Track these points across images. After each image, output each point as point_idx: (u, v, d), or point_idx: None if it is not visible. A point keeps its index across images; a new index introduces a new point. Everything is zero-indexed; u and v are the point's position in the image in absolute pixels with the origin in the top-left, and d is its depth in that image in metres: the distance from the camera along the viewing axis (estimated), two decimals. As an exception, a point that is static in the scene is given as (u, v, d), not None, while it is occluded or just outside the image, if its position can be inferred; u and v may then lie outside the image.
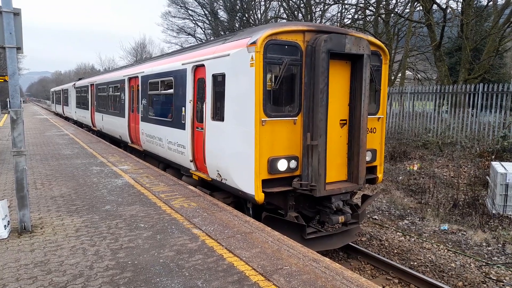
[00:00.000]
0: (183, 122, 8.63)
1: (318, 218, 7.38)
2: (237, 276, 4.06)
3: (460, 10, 20.63)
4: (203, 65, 7.76)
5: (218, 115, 7.21)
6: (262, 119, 6.12)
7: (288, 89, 6.50)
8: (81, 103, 23.56)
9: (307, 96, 6.36)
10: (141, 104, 11.83)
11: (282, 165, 6.33)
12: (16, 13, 5.12)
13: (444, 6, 19.87)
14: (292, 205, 6.74)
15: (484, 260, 7.62)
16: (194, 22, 42.15)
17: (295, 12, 29.18)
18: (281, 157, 6.34)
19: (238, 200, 7.35)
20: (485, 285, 6.67)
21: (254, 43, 6.07)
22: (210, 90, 7.39)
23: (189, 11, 41.26)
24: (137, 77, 12.29)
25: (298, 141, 6.53)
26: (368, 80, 6.69)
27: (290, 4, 29.87)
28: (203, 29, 42.16)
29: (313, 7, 27.91)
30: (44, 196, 7.23)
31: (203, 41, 33.47)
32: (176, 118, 9.11)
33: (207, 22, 41.64)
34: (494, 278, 6.87)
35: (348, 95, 6.88)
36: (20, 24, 5.18)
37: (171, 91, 9.40)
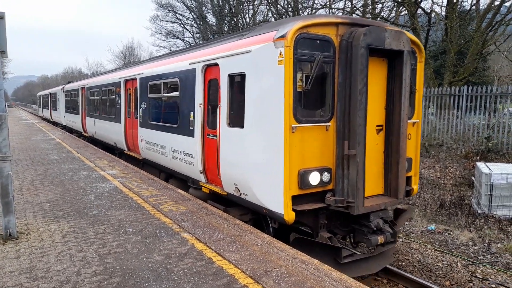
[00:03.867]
0: (191, 128, 7.81)
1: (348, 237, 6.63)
2: (226, 280, 4.06)
3: (444, 14, 21.05)
4: (216, 64, 6.96)
5: (236, 121, 6.38)
6: (293, 125, 5.32)
7: (319, 90, 5.75)
8: (71, 108, 22.56)
9: (341, 98, 5.61)
10: (139, 108, 10.93)
11: (314, 178, 5.53)
12: (0, 17, 5.06)
13: (428, 11, 20.27)
14: (323, 224, 5.92)
15: (470, 259, 7.76)
16: (182, 26, 42.12)
17: (283, 17, 29.38)
18: (312, 169, 5.53)
19: (257, 217, 6.69)
20: (471, 284, 6.78)
21: (283, 36, 5.29)
22: (225, 92, 6.61)
23: (177, 15, 41.22)
24: (135, 79, 11.38)
25: (330, 150, 5.74)
26: (409, 80, 5.96)
27: (278, 8, 30.08)
28: (192, 33, 42.15)
29: (300, 11, 28.16)
30: (30, 201, 7.12)
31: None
32: (182, 124, 8.26)
33: (195, 26, 41.63)
34: (480, 277, 7.00)
35: (385, 97, 6.11)
36: (4, 27, 5.12)
37: (176, 94, 8.57)
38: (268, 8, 33.15)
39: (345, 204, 5.59)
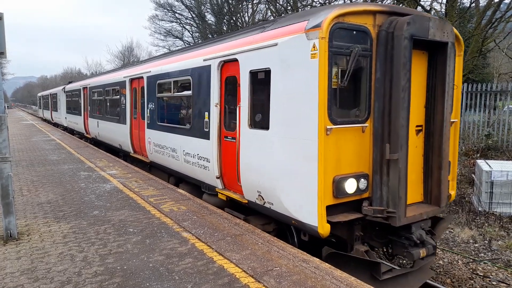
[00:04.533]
0: (206, 130, 7.24)
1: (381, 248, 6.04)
2: (227, 279, 4.06)
3: (444, 12, 21.04)
4: (234, 60, 6.43)
5: (260, 122, 5.92)
6: (328, 126, 4.77)
7: (354, 87, 5.23)
8: (72, 108, 21.95)
9: (380, 96, 5.04)
10: (147, 109, 10.31)
11: (350, 186, 5.00)
12: (-1, 18, 5.05)
13: (428, 8, 20.25)
14: (358, 236, 5.35)
15: (471, 257, 7.76)
16: (181, 25, 42.06)
17: (282, 15, 29.37)
18: (348, 175, 5.01)
19: (281, 227, 6.19)
20: (472, 281, 6.79)
21: (317, 26, 4.74)
22: (246, 90, 6.08)
23: (176, 14, 41.14)
24: (142, 77, 10.72)
25: (366, 154, 5.20)
26: (453, 75, 5.38)
27: (277, 7, 30.06)
28: (191, 32, 42.10)
29: (300, 10, 28.15)
30: (30, 202, 7.12)
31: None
32: (196, 126, 7.68)
33: (194, 25, 41.58)
34: (481, 274, 7.00)
35: (424, 94, 5.55)
36: (3, 28, 5.11)
37: (189, 93, 8.00)
38: (267, 6, 33.13)
39: (385, 214, 5.02)
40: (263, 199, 5.79)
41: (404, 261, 7.14)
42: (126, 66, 15.29)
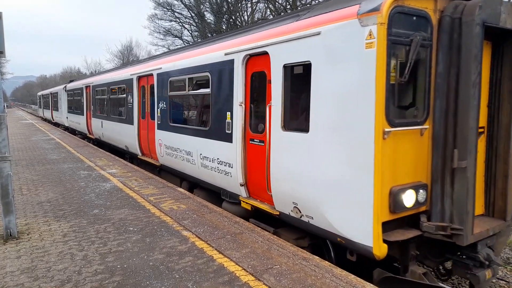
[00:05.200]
0: (228, 132, 6.57)
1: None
2: (227, 277, 4.06)
3: None
4: (263, 53, 5.79)
5: (297, 123, 5.29)
6: (385, 129, 4.10)
7: (412, 82, 4.53)
8: (74, 108, 21.17)
9: (442, 93, 4.36)
10: (157, 108, 9.62)
11: (409, 198, 4.33)
12: (-2, 17, 5.04)
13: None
14: (413, 256, 4.63)
15: None
16: (180, 24, 42.01)
17: (282, 14, 29.35)
18: (406, 186, 4.34)
19: (317, 241, 5.52)
20: (472, 279, 6.77)
21: (375, 10, 4.09)
22: (278, 87, 5.41)
23: (176, 14, 41.09)
24: (151, 75, 10.04)
25: (425, 161, 4.55)
26: None
27: (277, 6, 30.04)
28: (190, 31, 42.06)
29: (299, 8, 28.13)
30: (30, 201, 7.12)
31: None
32: (215, 127, 7.01)
33: (193, 24, 41.54)
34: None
35: (487, 91, 4.85)
36: (2, 27, 5.10)
37: (207, 91, 7.30)
38: (266, 5, 33.11)
39: (448, 231, 4.33)
40: (300, 212, 5.11)
41: (456, 279, 6.38)
42: (133, 63, 14.39)
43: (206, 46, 7.97)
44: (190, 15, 40.93)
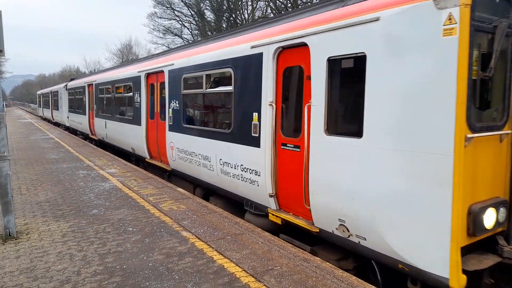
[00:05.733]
0: (255, 135, 5.91)
1: None
2: (227, 278, 4.03)
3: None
4: (301, 45, 5.07)
5: (346, 126, 4.64)
6: (467, 135, 3.46)
7: (493, 78, 3.89)
8: (76, 107, 20.42)
9: None
10: (169, 108, 8.92)
11: (489, 218, 3.71)
12: (-3, 15, 5.01)
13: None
14: (488, 285, 3.99)
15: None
16: (180, 22, 41.98)
17: (282, 12, 29.31)
18: (486, 203, 3.72)
19: (362, 264, 4.86)
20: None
21: None
22: (321, 84, 4.68)
23: (175, 12, 41.07)
24: (162, 71, 9.31)
25: (502, 172, 3.97)
26: None
27: (277, 4, 30.00)
28: (190, 30, 42.03)
29: (300, 6, 28.09)
30: (29, 201, 7.09)
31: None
32: (239, 129, 6.34)
33: (193, 22, 41.50)
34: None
35: None
36: (1, 26, 5.06)
37: (229, 88, 6.62)
38: (266, 4, 33.04)
39: None
40: (348, 231, 4.42)
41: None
42: (140, 60, 13.44)
43: (227, 38, 7.20)
44: (190, 13, 40.93)
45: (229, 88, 6.62)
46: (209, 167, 7.30)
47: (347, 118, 4.73)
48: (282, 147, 5.54)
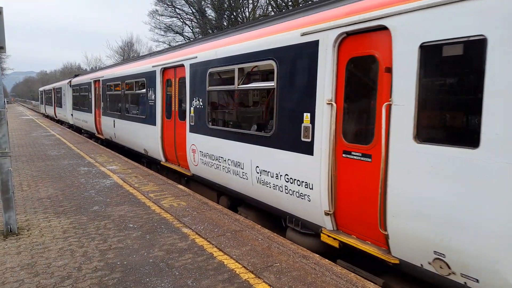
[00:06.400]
0: (306, 140, 5.03)
1: None
2: (227, 274, 4.06)
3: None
4: (378, 29, 4.14)
5: (449, 132, 3.71)
6: None
7: None
8: (80, 104, 19.59)
9: None
10: (190, 106, 8.07)
11: None
12: (-2, 12, 5.02)
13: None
14: None
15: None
16: (181, 20, 41.96)
17: (283, 10, 29.26)
18: None
19: None
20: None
21: None
22: (410, 77, 3.76)
23: (177, 10, 41.05)
24: (181, 66, 8.49)
25: None
26: None
27: (278, 2, 29.95)
28: (191, 28, 42.00)
29: (301, 5, 28.04)
30: (30, 197, 7.12)
31: None
32: (284, 133, 5.46)
33: (195, 20, 41.46)
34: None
35: None
36: (2, 23, 5.08)
37: (270, 84, 5.76)
38: (268, 2, 33.00)
39: None
40: (449, 268, 3.54)
41: None
42: (153, 54, 12.35)
43: (266, 26, 6.20)
44: (191, 11, 40.89)
45: (270, 84, 5.76)
46: (241, 175, 6.43)
47: (452, 121, 3.70)
48: (344, 155, 4.59)
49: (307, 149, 5.03)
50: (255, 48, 6.09)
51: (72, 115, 22.37)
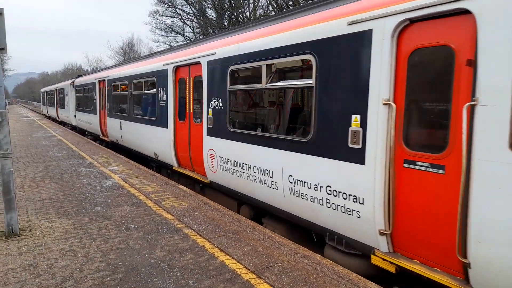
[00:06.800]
0: (356, 146, 4.32)
1: None
2: (228, 275, 4.06)
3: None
4: (455, 14, 3.47)
5: None
6: None
7: None
8: (84, 105, 19.03)
9: None
10: (207, 107, 7.41)
11: None
12: (-1, 13, 5.03)
13: None
14: None
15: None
16: (182, 21, 42.00)
17: (284, 10, 29.25)
18: None
19: None
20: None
21: None
22: (502, 73, 3.13)
23: (177, 10, 41.09)
24: (197, 63, 7.82)
25: None
26: None
27: (279, 2, 29.94)
28: (192, 28, 42.04)
29: (301, 4, 28.02)
30: (32, 198, 7.13)
31: None
32: (325, 137, 4.74)
33: (195, 21, 41.49)
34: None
35: None
36: (3, 24, 5.08)
37: (307, 82, 5.06)
38: (268, 1, 33.01)
39: None
40: None
41: None
42: (163, 52, 11.72)
43: (300, 16, 5.49)
44: (192, 12, 40.91)
45: (307, 82, 5.06)
46: (269, 184, 5.76)
47: None
48: (405, 165, 3.91)
49: (357, 157, 4.31)
50: (287, 41, 5.35)
51: (75, 116, 21.93)
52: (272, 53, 5.66)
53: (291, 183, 5.31)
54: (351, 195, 4.42)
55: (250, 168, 6.19)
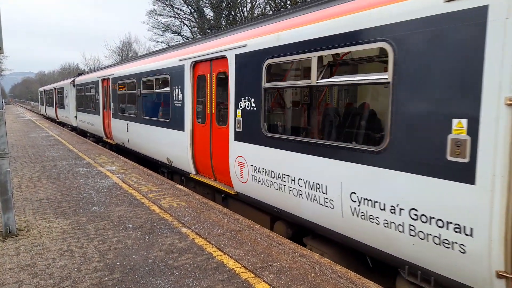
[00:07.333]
0: (459, 160, 3.36)
1: None
2: (227, 274, 4.06)
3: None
4: None
5: None
6: None
7: None
8: (85, 105, 18.15)
9: None
10: (235, 108, 6.45)
11: None
12: (-4, 12, 5.01)
13: None
14: None
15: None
16: (180, 20, 41.94)
17: (281, 9, 29.23)
18: None
19: None
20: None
21: None
22: None
23: (175, 9, 41.03)
24: (223, 57, 6.83)
25: None
26: None
27: (276, 1, 29.93)
28: (189, 27, 42.00)
29: (298, 4, 28.02)
30: (29, 198, 7.10)
31: None
32: (407, 146, 3.78)
33: (193, 20, 41.44)
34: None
35: None
36: (0, 23, 5.06)
37: (382, 77, 4.08)
38: (266, 1, 32.99)
39: None
40: None
41: None
42: (176, 47, 10.42)
43: None
44: (189, 11, 40.86)
45: (381, 77, 4.10)
46: (321, 202, 4.82)
47: None
48: None
49: (462, 174, 3.35)
50: (348, 27, 4.32)
51: (75, 117, 21.15)
52: (324, 43, 4.68)
53: (354, 201, 4.35)
54: (450, 223, 3.45)
55: (293, 180, 5.27)
